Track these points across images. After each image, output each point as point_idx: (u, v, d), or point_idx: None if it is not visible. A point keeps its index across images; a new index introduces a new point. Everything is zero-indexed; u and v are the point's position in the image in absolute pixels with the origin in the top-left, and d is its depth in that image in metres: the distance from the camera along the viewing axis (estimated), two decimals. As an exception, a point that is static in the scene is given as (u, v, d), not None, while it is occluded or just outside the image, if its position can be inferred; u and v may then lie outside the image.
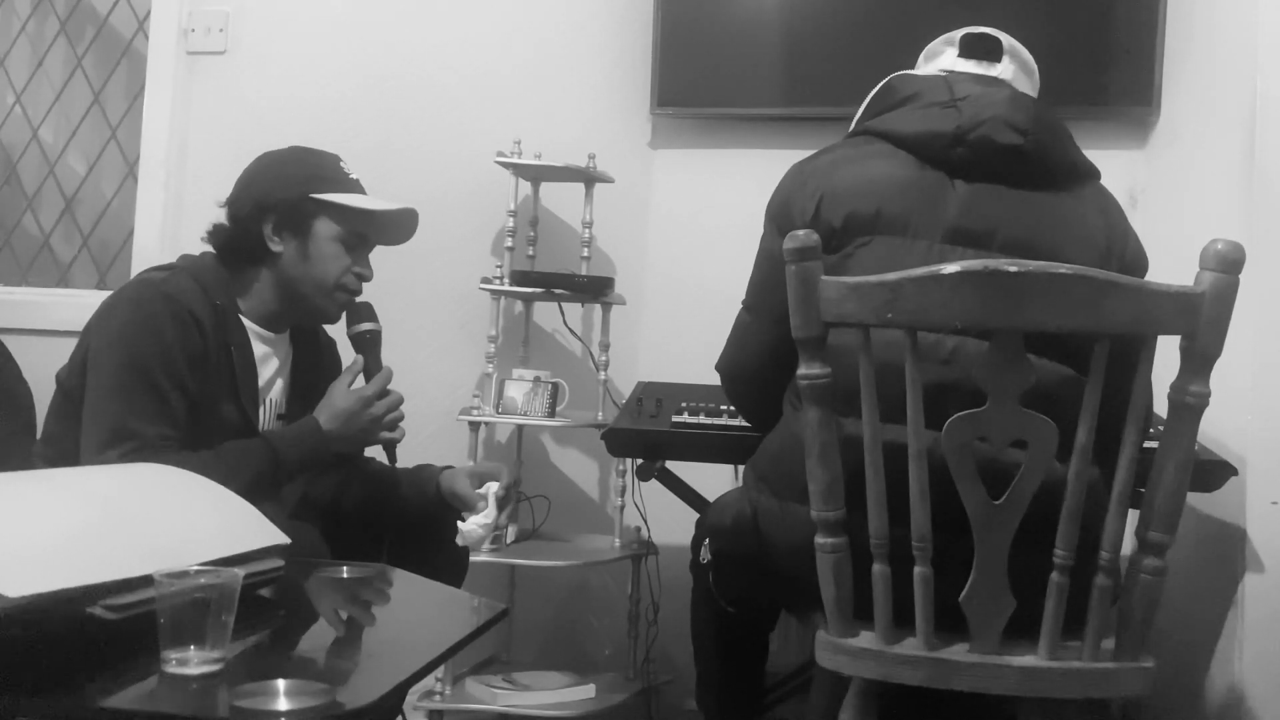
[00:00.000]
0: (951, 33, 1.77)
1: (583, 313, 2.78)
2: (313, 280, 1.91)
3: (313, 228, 1.90)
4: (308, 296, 1.92)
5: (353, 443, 1.93)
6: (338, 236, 1.91)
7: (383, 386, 1.93)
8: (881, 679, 1.48)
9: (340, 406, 1.90)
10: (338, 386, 1.92)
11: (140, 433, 1.72)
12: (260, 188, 1.91)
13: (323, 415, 1.89)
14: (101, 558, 1.15)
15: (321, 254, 1.90)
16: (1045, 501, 1.41)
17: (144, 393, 1.74)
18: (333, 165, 1.96)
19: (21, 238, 3.18)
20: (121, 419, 1.73)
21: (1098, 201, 1.64)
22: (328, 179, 1.92)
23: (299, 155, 1.96)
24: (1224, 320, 1.38)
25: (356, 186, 1.96)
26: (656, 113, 2.73)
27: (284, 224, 1.89)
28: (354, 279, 1.94)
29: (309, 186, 1.90)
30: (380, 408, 1.92)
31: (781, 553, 1.62)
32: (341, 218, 1.91)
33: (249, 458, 1.81)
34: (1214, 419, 1.52)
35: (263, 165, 1.96)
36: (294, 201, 1.89)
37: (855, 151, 1.66)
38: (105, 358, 1.77)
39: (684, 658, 2.06)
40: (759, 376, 1.74)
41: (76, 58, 3.16)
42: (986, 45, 1.74)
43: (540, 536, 2.63)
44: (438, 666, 1.82)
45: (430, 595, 1.63)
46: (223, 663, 1.09)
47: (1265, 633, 1.89)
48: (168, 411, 1.76)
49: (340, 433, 1.89)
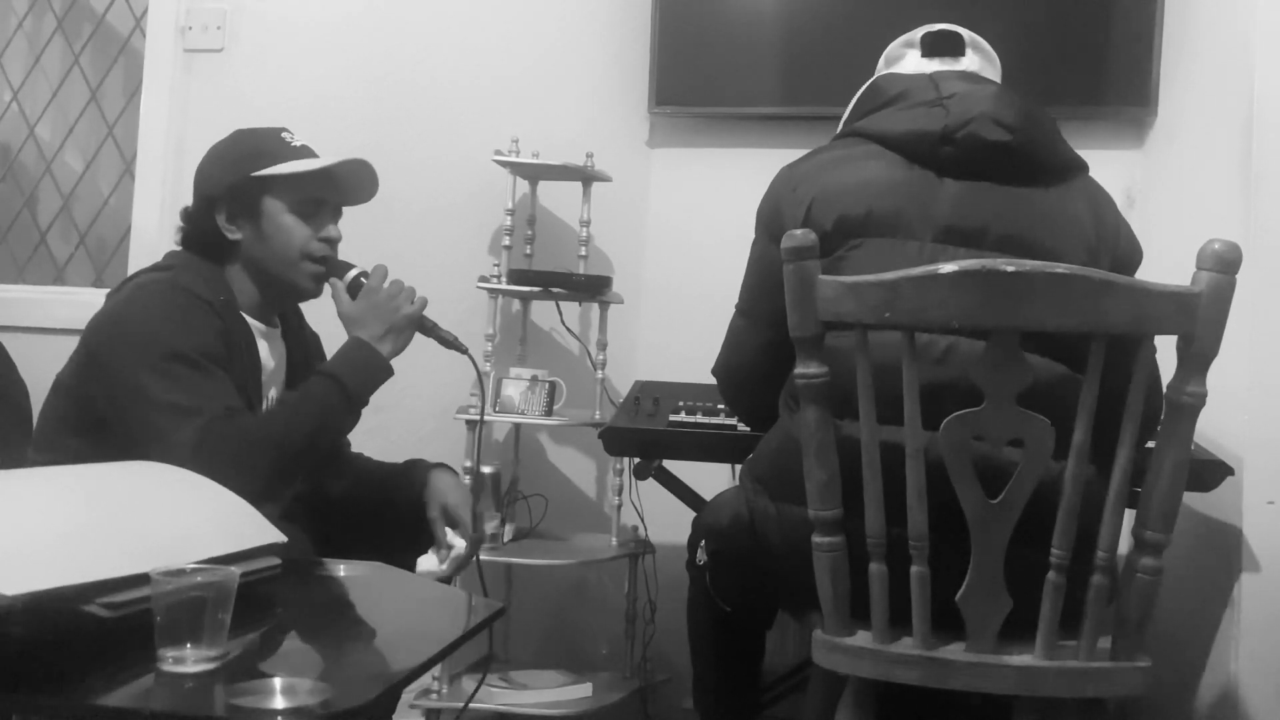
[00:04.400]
0: (908, 35, 1.78)
1: (580, 311, 2.78)
2: (277, 258, 1.87)
3: (262, 206, 1.86)
4: (279, 275, 1.89)
5: (394, 335, 1.86)
6: (290, 208, 1.86)
7: (383, 277, 1.89)
8: (878, 678, 1.48)
9: (361, 313, 1.86)
10: (347, 310, 1.88)
11: (203, 408, 1.68)
12: (204, 178, 1.89)
13: (352, 329, 1.86)
14: (98, 555, 1.14)
15: (278, 230, 1.86)
16: (1042, 501, 1.41)
17: (191, 374, 1.71)
18: (272, 139, 1.90)
19: (18, 235, 3.18)
20: (179, 402, 1.69)
21: (1087, 195, 1.64)
22: (267, 153, 1.87)
23: (236, 138, 1.92)
24: (1221, 320, 1.38)
25: (302, 153, 1.90)
26: (654, 112, 2.73)
27: (235, 211, 1.86)
28: (319, 245, 1.89)
29: (248, 165, 1.86)
30: (393, 288, 1.88)
31: (778, 554, 1.62)
32: (287, 188, 1.86)
33: (316, 394, 1.78)
34: (1211, 419, 1.52)
35: (205, 158, 1.93)
36: (237, 185, 1.85)
37: (844, 153, 1.65)
38: (137, 358, 1.72)
39: (681, 657, 2.06)
40: (754, 379, 1.74)
41: (74, 55, 3.16)
42: (949, 42, 1.74)
43: (537, 535, 2.63)
44: (434, 665, 1.82)
45: (427, 594, 1.63)
46: (219, 661, 1.09)
47: (1261, 632, 1.90)
48: (221, 385, 1.74)
49: (377, 331, 1.84)
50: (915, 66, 1.74)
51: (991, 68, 1.77)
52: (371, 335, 1.85)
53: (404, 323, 1.87)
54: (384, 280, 1.89)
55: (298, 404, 1.79)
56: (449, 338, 1.93)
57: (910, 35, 1.78)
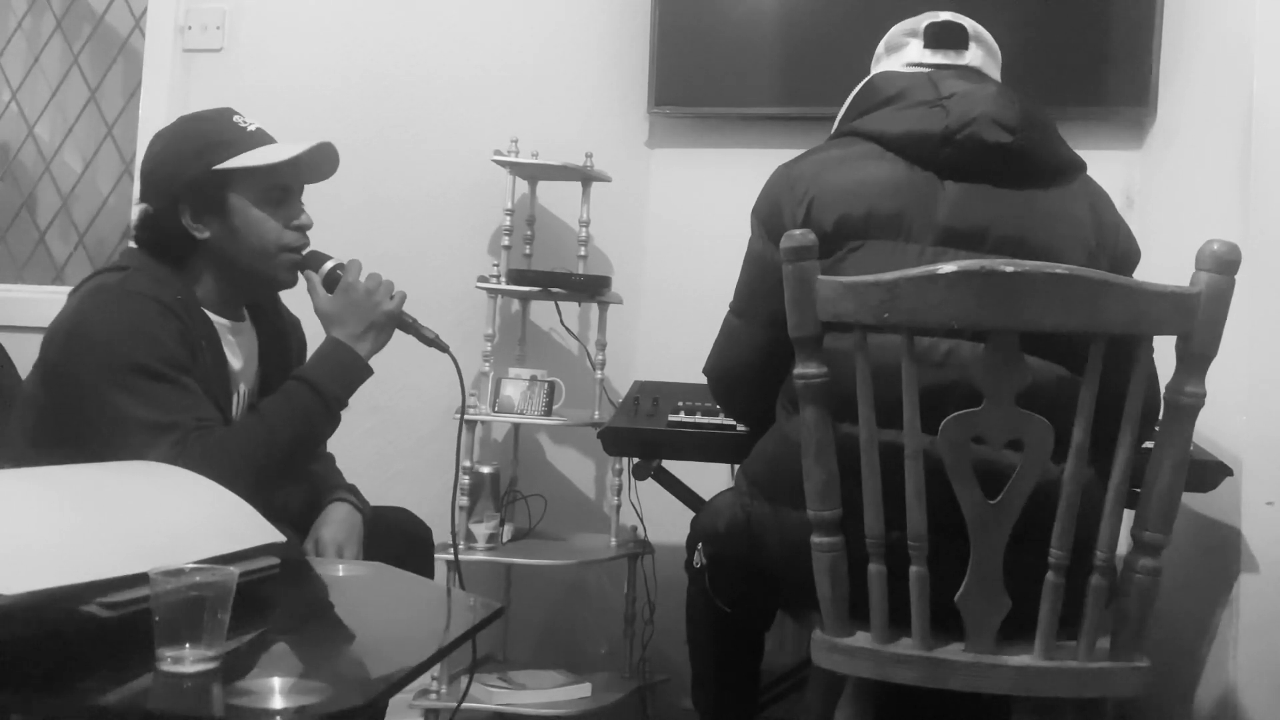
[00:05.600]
0: (912, 21, 1.75)
1: (579, 312, 2.78)
2: (251, 252, 1.80)
3: (228, 202, 1.77)
4: (254, 270, 1.82)
5: (374, 333, 1.81)
6: (258, 200, 1.78)
7: (358, 272, 1.84)
8: (877, 678, 1.48)
9: (338, 310, 1.80)
10: (324, 307, 1.83)
11: (177, 422, 1.64)
12: (162, 177, 1.79)
13: (330, 328, 1.81)
14: (97, 555, 1.14)
15: (249, 224, 1.78)
16: (1041, 502, 1.41)
17: (157, 387, 1.66)
18: (226, 125, 1.81)
19: (17, 235, 3.18)
20: (149, 418, 1.64)
21: (1086, 195, 1.63)
22: (225, 143, 1.77)
23: (187, 128, 1.82)
24: (1220, 321, 1.39)
25: (258, 138, 1.81)
26: (654, 112, 2.73)
27: (200, 208, 1.77)
28: (294, 235, 1.83)
29: (208, 159, 1.76)
30: (371, 282, 1.83)
31: (776, 557, 1.62)
32: (253, 180, 1.78)
33: (293, 402, 1.74)
34: (1209, 419, 1.52)
35: (156, 151, 1.82)
36: (200, 181, 1.76)
37: (842, 153, 1.64)
38: (100, 374, 1.66)
39: (680, 657, 2.06)
40: (748, 381, 1.73)
41: (73, 55, 3.16)
42: (953, 33, 1.71)
43: (536, 535, 2.63)
44: (433, 665, 1.82)
45: (425, 594, 1.63)
46: (218, 661, 1.08)
47: (1260, 633, 1.90)
48: (190, 396, 1.69)
49: (356, 330, 1.80)
50: (917, 56, 1.72)
51: (993, 62, 1.75)
52: (350, 334, 1.80)
53: (384, 320, 1.82)
54: (358, 271, 1.83)
55: (276, 413, 1.73)
56: (429, 335, 1.88)
57: (914, 23, 1.74)
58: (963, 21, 1.73)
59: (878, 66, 1.78)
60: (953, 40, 1.71)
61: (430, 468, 2.69)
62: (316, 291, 1.84)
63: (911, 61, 1.72)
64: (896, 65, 1.74)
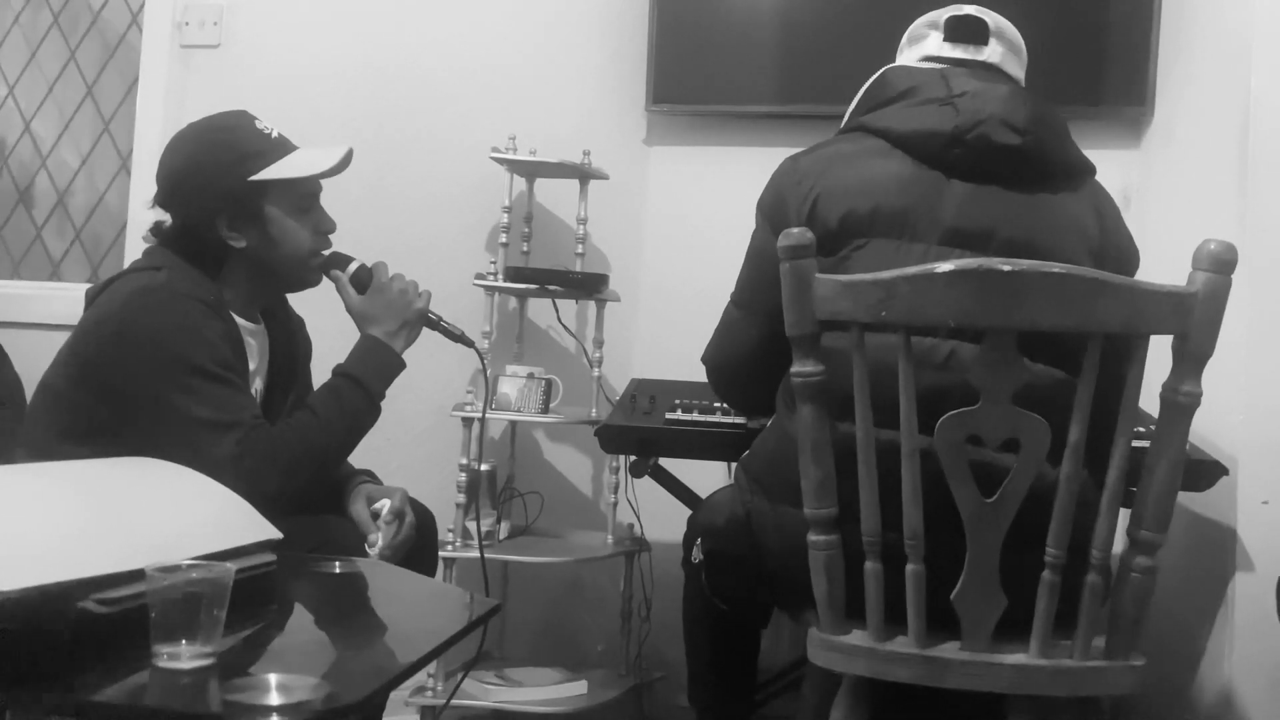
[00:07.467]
0: (934, 14, 1.73)
1: (577, 309, 2.78)
2: (288, 259, 1.87)
3: (265, 212, 1.83)
4: (289, 274, 1.90)
5: (407, 330, 1.91)
6: (290, 209, 1.85)
7: (388, 272, 1.93)
8: (873, 676, 1.48)
9: (374, 309, 1.89)
10: (359, 306, 1.91)
11: (238, 420, 1.70)
12: (193, 187, 1.82)
13: (366, 328, 1.90)
14: (93, 552, 1.14)
15: (285, 232, 1.85)
16: (1037, 501, 1.41)
17: (216, 388, 1.71)
18: (254, 134, 1.85)
19: (14, 231, 3.17)
20: (212, 417, 1.69)
21: (1093, 200, 1.63)
22: (258, 153, 1.82)
23: (216, 138, 1.85)
24: (1216, 320, 1.39)
25: (283, 145, 1.87)
26: (652, 109, 2.73)
27: (236, 218, 1.82)
28: (323, 239, 1.92)
29: (244, 169, 1.81)
30: (400, 282, 1.92)
31: (774, 554, 1.62)
32: (288, 190, 1.85)
33: (342, 397, 1.82)
34: (1205, 419, 1.52)
35: (182, 160, 1.85)
36: (237, 193, 1.81)
37: (851, 148, 1.63)
38: (158, 376, 1.70)
39: (676, 654, 2.07)
40: (744, 371, 1.73)
41: (70, 51, 3.15)
42: (972, 28, 1.70)
43: (533, 533, 2.63)
44: (430, 662, 1.82)
45: (422, 591, 1.63)
46: (214, 657, 1.08)
47: (1255, 632, 1.90)
48: (245, 396, 1.76)
49: (391, 327, 1.89)
50: (935, 49, 1.70)
51: (1014, 58, 1.72)
52: (386, 331, 1.89)
53: (415, 317, 1.92)
54: (386, 272, 1.92)
55: (328, 408, 1.81)
56: (455, 331, 1.96)
57: (935, 15, 1.73)
58: (985, 16, 1.71)
59: (899, 58, 1.77)
60: (972, 34, 1.69)
61: (427, 464, 2.69)
62: (347, 291, 1.92)
63: (929, 54, 1.71)
64: (914, 58, 1.73)
